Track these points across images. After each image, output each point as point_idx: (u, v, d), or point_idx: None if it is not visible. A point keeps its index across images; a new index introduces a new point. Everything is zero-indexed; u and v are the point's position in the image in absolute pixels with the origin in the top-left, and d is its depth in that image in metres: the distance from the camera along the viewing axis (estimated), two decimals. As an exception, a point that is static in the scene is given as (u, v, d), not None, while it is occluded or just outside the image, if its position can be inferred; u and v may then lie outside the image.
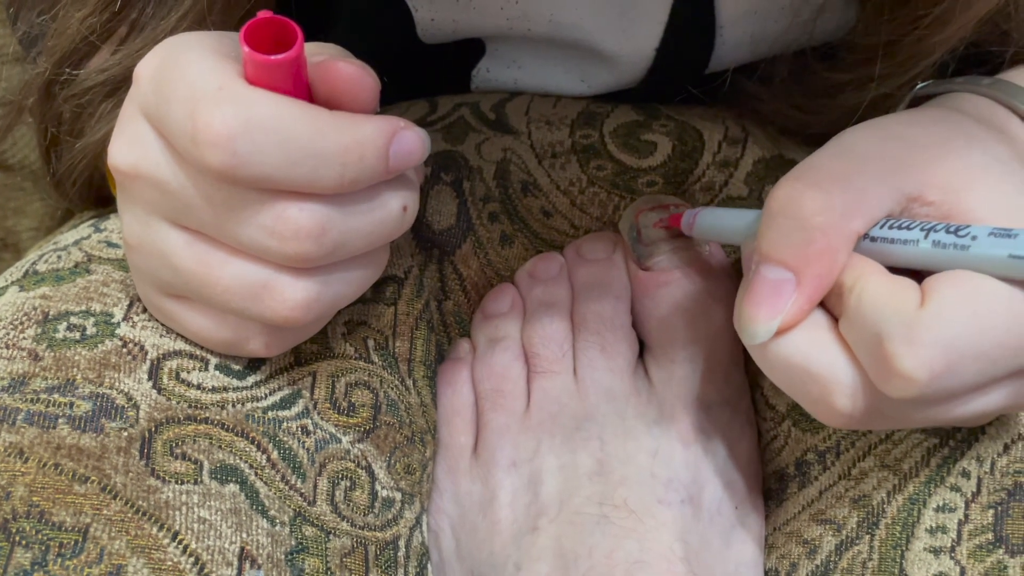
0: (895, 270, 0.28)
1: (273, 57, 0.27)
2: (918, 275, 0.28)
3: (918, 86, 0.37)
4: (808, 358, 0.28)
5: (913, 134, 0.30)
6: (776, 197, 0.29)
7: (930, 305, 0.26)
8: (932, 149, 0.29)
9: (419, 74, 0.45)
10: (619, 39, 0.42)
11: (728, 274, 0.40)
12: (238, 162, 0.27)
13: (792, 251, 0.28)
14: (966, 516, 0.32)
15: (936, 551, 0.32)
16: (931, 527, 0.32)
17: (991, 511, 0.32)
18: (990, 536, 0.31)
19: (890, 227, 0.29)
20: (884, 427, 0.33)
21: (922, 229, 0.28)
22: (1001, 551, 0.31)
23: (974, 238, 0.27)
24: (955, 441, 0.33)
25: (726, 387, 0.39)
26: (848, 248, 0.28)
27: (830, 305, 0.29)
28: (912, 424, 0.29)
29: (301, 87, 0.28)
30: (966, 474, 0.33)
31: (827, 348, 0.28)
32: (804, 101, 0.41)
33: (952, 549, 0.32)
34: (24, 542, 0.27)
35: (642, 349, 0.40)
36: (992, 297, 0.26)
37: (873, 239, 0.29)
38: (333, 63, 0.28)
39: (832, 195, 0.28)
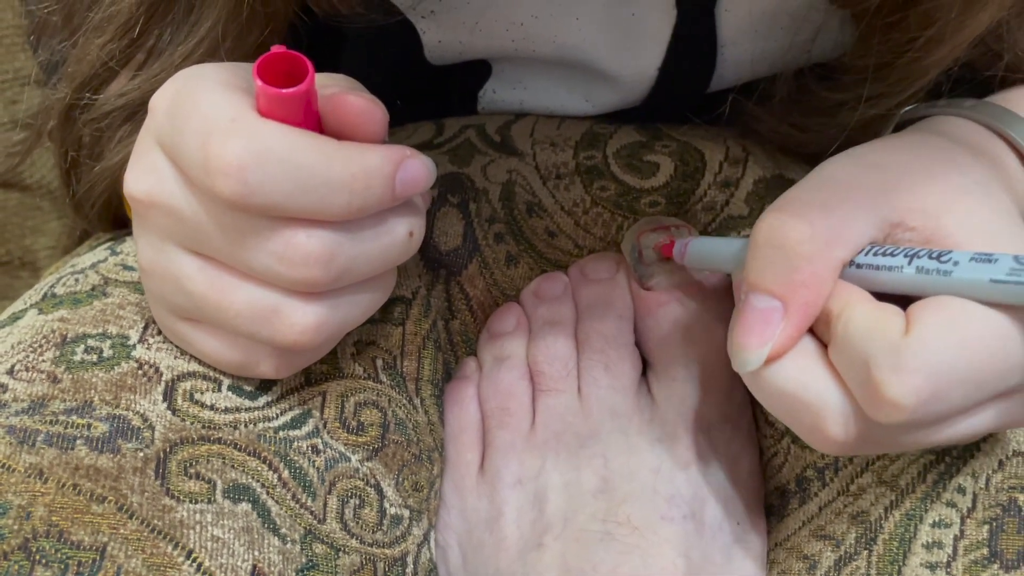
0: (882, 296, 0.29)
1: (285, 91, 0.28)
2: (905, 301, 0.28)
3: (903, 110, 0.37)
4: (799, 386, 0.29)
5: (892, 161, 0.31)
6: (760, 228, 0.30)
7: (915, 332, 0.27)
8: (911, 175, 0.30)
9: (427, 95, 0.46)
10: (622, 59, 0.43)
11: (728, 294, 0.40)
12: (249, 191, 0.28)
13: (778, 280, 0.29)
14: (962, 532, 0.32)
15: (932, 566, 0.32)
16: (927, 543, 0.33)
17: (986, 527, 0.32)
18: (985, 551, 0.32)
19: (875, 254, 0.29)
20: (876, 451, 0.34)
21: (906, 255, 0.28)
22: (996, 566, 0.31)
23: (956, 264, 0.27)
24: (951, 457, 0.34)
25: (727, 405, 0.39)
26: (833, 276, 0.29)
27: (819, 332, 0.30)
28: (902, 448, 0.30)
29: (312, 118, 0.29)
30: (962, 490, 0.33)
31: (817, 376, 0.29)
32: (802, 120, 0.42)
33: (948, 564, 0.32)
34: (44, 561, 0.28)
35: (645, 367, 0.41)
36: (975, 322, 0.27)
37: (859, 266, 0.29)
38: (343, 96, 0.29)
39: (815, 224, 0.29)
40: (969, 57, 0.36)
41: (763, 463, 0.40)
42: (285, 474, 0.33)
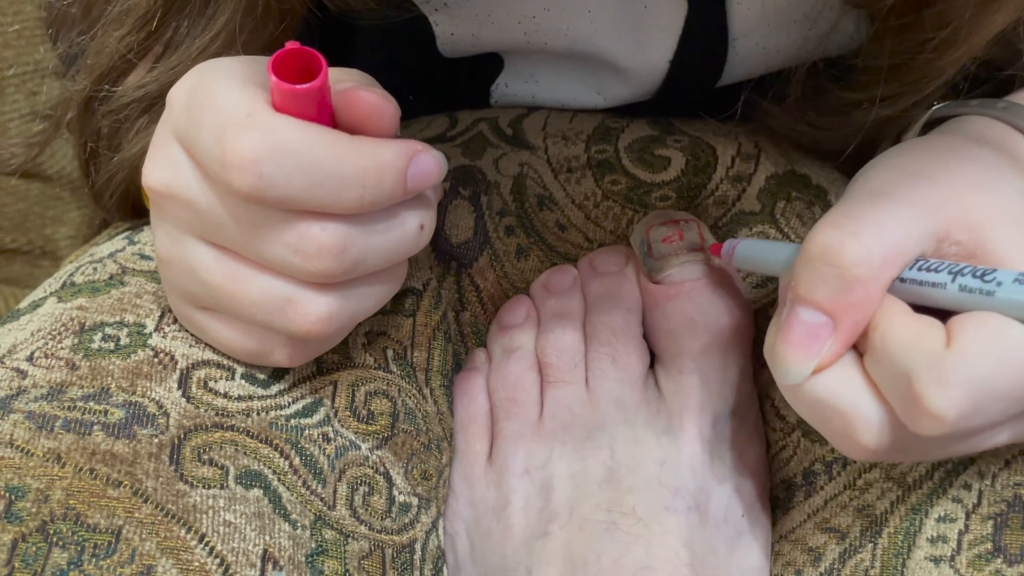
0: (919, 308, 0.29)
1: (299, 86, 0.28)
2: (940, 312, 0.29)
3: (933, 108, 0.37)
4: (834, 395, 0.29)
5: (939, 173, 0.31)
6: (815, 242, 0.29)
7: (957, 346, 0.27)
8: (958, 188, 0.30)
9: (439, 89, 0.47)
10: (633, 52, 0.43)
11: (737, 287, 0.41)
12: (264, 185, 0.28)
13: (830, 298, 0.29)
14: (966, 526, 0.33)
15: (936, 560, 0.32)
16: (932, 537, 0.33)
17: (991, 522, 0.32)
18: (989, 546, 0.32)
19: (919, 269, 0.29)
20: (904, 460, 0.34)
21: (949, 272, 0.28)
22: (999, 560, 0.32)
23: (999, 284, 0.27)
24: (958, 456, 0.34)
25: (734, 398, 0.39)
26: (883, 294, 0.29)
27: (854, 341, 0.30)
28: (931, 457, 0.30)
29: (325, 113, 0.30)
30: (968, 487, 0.33)
31: (853, 385, 0.29)
32: (817, 119, 0.42)
33: (952, 558, 0.32)
34: (61, 543, 0.29)
35: (653, 360, 0.41)
36: (1015, 340, 0.27)
37: (902, 280, 0.29)
38: (356, 91, 0.30)
39: (871, 247, 0.29)
40: (987, 55, 0.36)
41: (770, 456, 0.40)
42: (296, 461, 0.34)
